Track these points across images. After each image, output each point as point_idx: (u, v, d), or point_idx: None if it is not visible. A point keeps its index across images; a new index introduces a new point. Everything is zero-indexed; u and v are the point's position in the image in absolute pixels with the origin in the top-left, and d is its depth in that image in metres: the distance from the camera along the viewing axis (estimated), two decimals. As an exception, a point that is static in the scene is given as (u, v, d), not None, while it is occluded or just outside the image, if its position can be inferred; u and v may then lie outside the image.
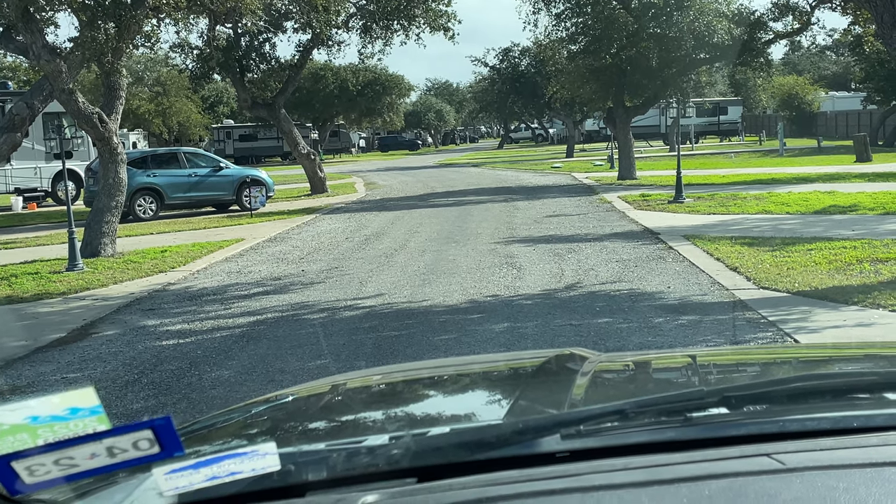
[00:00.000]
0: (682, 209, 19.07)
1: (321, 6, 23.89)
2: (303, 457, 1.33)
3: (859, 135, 34.67)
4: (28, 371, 8.32)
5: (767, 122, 64.32)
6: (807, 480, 1.14)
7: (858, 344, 5.13)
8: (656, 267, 12.05)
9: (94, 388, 1.07)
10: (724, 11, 26.88)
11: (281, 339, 8.94)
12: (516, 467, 1.21)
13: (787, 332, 8.05)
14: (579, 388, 1.71)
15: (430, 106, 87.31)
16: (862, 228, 14.52)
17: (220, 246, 16.88)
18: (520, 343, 8.21)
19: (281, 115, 29.58)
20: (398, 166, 51.67)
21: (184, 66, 30.29)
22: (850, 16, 23.22)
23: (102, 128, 15.71)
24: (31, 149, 27.32)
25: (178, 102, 53.67)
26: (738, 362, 2.33)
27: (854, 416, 1.33)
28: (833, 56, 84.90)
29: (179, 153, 25.74)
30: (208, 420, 2.04)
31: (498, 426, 1.42)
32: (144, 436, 1.03)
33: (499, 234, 16.74)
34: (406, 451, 1.25)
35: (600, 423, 1.30)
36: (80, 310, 11.24)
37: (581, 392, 1.70)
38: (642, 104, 30.05)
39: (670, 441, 1.27)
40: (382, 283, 11.86)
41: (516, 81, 58.54)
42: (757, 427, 1.30)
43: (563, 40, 29.59)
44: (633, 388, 2.06)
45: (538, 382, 2.01)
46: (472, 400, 2.11)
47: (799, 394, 1.45)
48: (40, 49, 14.43)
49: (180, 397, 7.13)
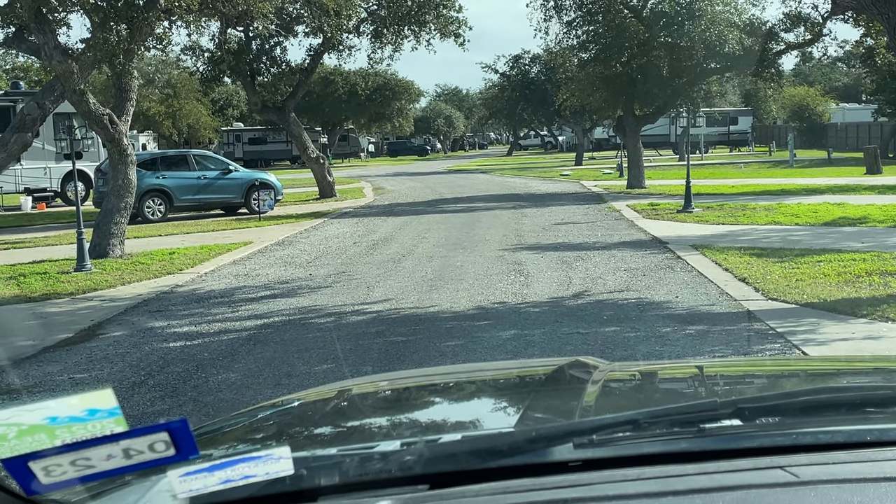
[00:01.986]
0: (690, 219, 19.04)
1: (333, 11, 23.95)
2: (315, 461, 1.32)
3: (869, 147, 34.59)
4: (35, 371, 8.33)
5: (777, 132, 64.20)
6: (821, 494, 1.13)
7: (870, 357, 5.11)
8: (664, 276, 12.03)
9: (112, 389, 1.07)
10: (736, 21, 26.85)
11: (288, 343, 8.94)
12: (528, 476, 1.20)
13: (796, 343, 8.03)
14: (590, 397, 1.70)
15: (439, 112, 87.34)
16: (871, 241, 14.48)
17: (228, 249, 16.90)
18: (527, 351, 8.20)
19: (291, 119, 29.63)
20: (407, 171, 51.71)
21: (195, 68, 30.34)
22: (861, 27, 23.18)
23: (113, 129, 15.76)
24: (41, 149, 27.40)
25: (189, 105, 53.82)
26: (749, 374, 2.32)
27: (868, 430, 1.33)
28: (844, 67, 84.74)
29: (189, 155, 25.82)
30: (216, 424, 2.04)
31: (510, 434, 1.41)
32: (161, 438, 1.03)
33: (507, 240, 16.73)
34: (419, 458, 1.25)
35: (613, 433, 1.29)
36: (87, 310, 11.26)
37: (592, 401, 1.69)
38: (652, 113, 30.03)
39: (683, 452, 1.26)
40: (390, 289, 11.85)
41: (526, 88, 58.58)
42: (770, 439, 1.30)
43: (574, 48, 29.59)
44: (644, 398, 2.05)
45: (548, 391, 2.00)
46: (482, 407, 2.10)
47: (812, 406, 1.44)
48: (52, 50, 14.47)
49: (187, 399, 7.13)
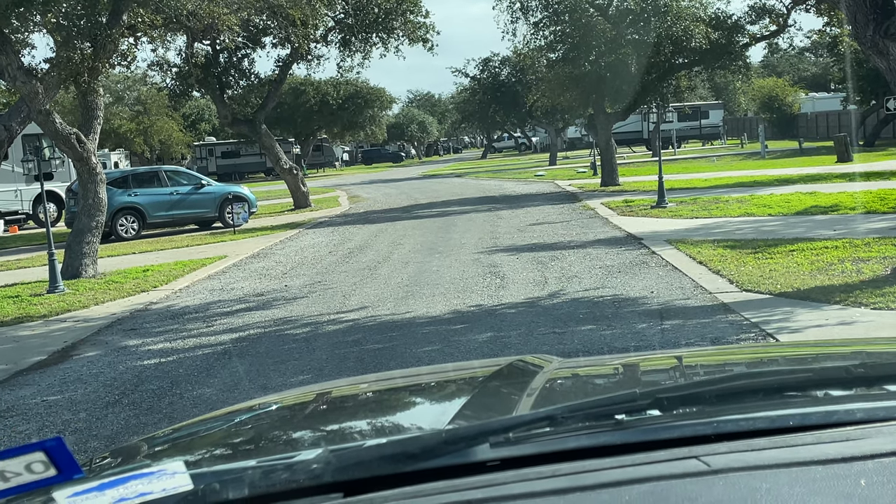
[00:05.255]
0: (664, 214, 19.10)
1: (299, 21, 23.86)
2: (220, 475, 1.29)
3: (840, 135, 34.85)
4: (7, 395, 8.23)
5: (749, 124, 64.63)
6: (729, 482, 1.12)
7: (839, 341, 5.13)
8: (639, 272, 12.05)
9: None
10: (701, 16, 26.99)
11: (263, 356, 8.88)
12: (453, 477, 1.18)
13: (770, 332, 8.06)
14: (529, 396, 1.68)
15: (412, 118, 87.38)
16: (843, 228, 14.57)
17: (202, 264, 16.79)
18: (503, 352, 8.18)
19: (262, 131, 29.52)
20: (382, 179, 51.66)
21: (163, 84, 30.19)
22: (824, 17, 23.38)
23: (81, 148, 15.63)
24: (10, 171, 27.18)
25: (160, 121, 53.49)
26: (692, 364, 2.30)
27: (790, 415, 1.31)
28: (812, 57, 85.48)
29: (160, 172, 25.67)
30: (132, 441, 2.01)
31: (420, 437, 1.39)
32: (36, 458, 0.99)
33: (482, 243, 16.72)
34: (326, 466, 1.22)
35: (530, 430, 1.27)
36: (60, 332, 11.15)
37: (531, 400, 1.67)
38: (623, 110, 30.14)
39: (602, 446, 1.24)
40: (366, 296, 11.81)
41: (497, 91, 58.62)
42: (691, 429, 1.28)
43: (542, 49, 29.63)
44: (578, 394, 2.03)
45: (488, 392, 1.98)
46: (414, 412, 2.06)
47: (733, 393, 1.42)
48: (16, 70, 14.34)
49: (161, 416, 7.06)
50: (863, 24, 10.37)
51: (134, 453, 1.91)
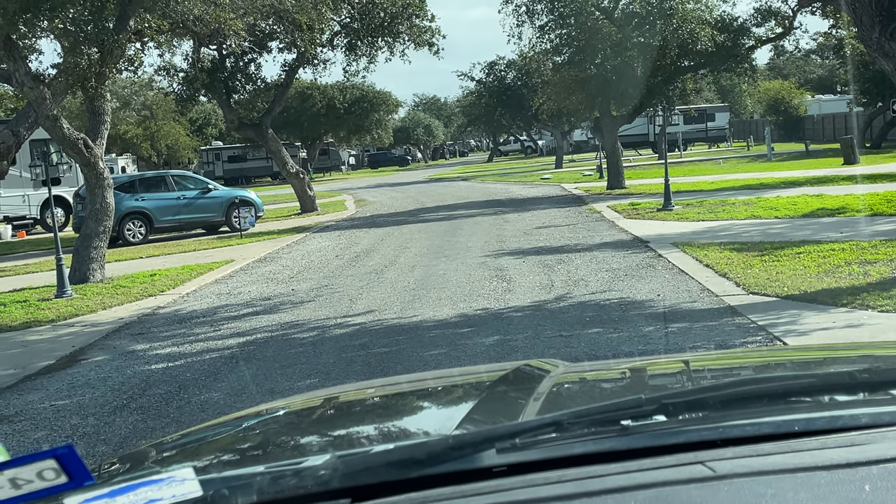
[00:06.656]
0: (671, 217, 19.09)
1: (306, 25, 23.91)
2: (229, 481, 1.30)
3: (846, 137, 34.76)
4: (16, 400, 8.26)
5: (755, 127, 64.52)
6: (734, 488, 1.12)
7: (844, 345, 5.12)
8: (646, 275, 12.04)
9: None
10: (707, 19, 26.99)
11: (271, 360, 8.90)
12: (461, 483, 1.19)
13: (776, 335, 8.05)
14: (535, 402, 1.68)
15: (418, 121, 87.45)
16: (850, 230, 14.55)
17: (209, 268, 16.83)
18: (510, 356, 8.19)
19: (269, 136, 29.57)
20: (388, 182, 51.70)
21: (170, 88, 30.27)
22: (830, 19, 23.36)
23: (88, 153, 15.68)
24: (18, 176, 27.24)
25: (166, 126, 53.62)
26: (697, 368, 2.30)
27: (795, 420, 1.31)
28: (818, 59, 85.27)
29: (167, 176, 25.73)
30: (138, 447, 2.03)
31: (427, 443, 1.39)
32: (48, 465, 1.01)
33: (489, 247, 16.73)
34: (334, 471, 1.23)
35: (536, 436, 1.28)
36: (69, 336, 11.18)
37: (537, 405, 1.67)
38: (629, 113, 30.14)
39: (609, 451, 1.25)
40: (372, 300, 11.83)
41: (503, 94, 58.67)
42: (696, 434, 1.28)
43: (548, 52, 29.65)
44: (584, 399, 2.03)
45: (494, 397, 1.98)
46: (421, 417, 2.07)
47: (739, 399, 1.43)
48: (24, 76, 14.40)
49: (169, 421, 7.08)
50: (868, 27, 10.37)
51: (142, 459, 1.92)
